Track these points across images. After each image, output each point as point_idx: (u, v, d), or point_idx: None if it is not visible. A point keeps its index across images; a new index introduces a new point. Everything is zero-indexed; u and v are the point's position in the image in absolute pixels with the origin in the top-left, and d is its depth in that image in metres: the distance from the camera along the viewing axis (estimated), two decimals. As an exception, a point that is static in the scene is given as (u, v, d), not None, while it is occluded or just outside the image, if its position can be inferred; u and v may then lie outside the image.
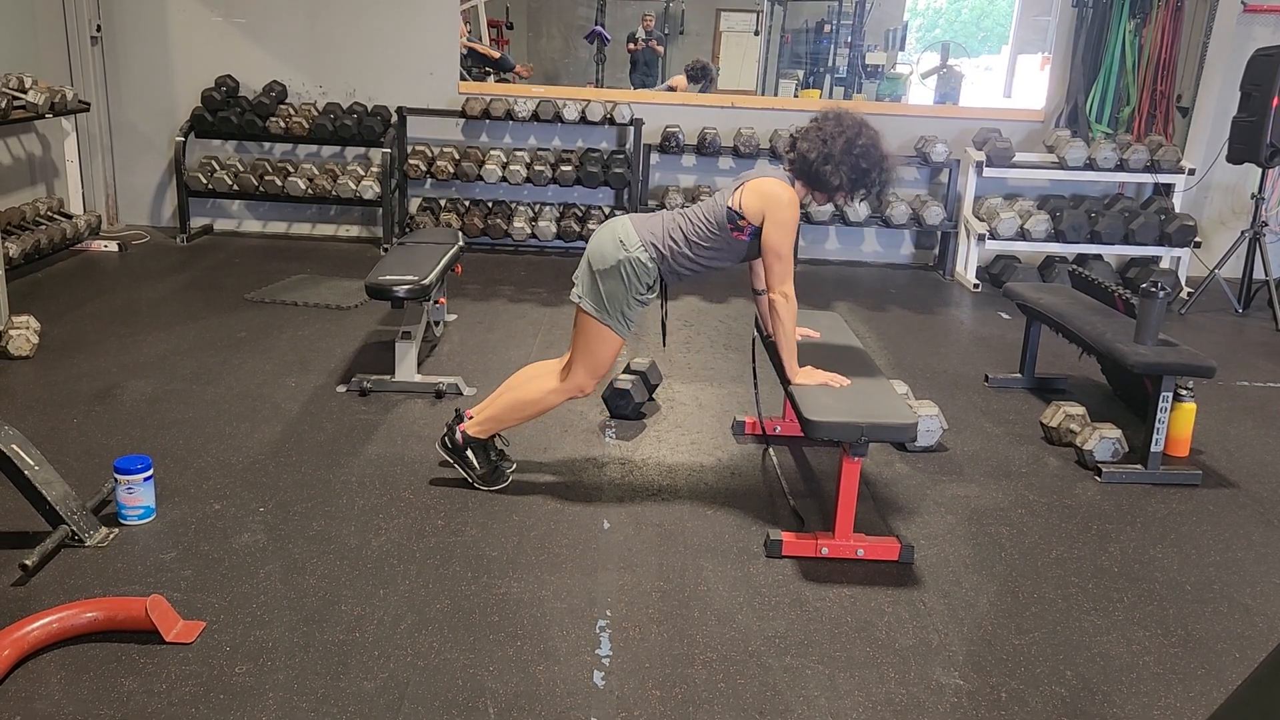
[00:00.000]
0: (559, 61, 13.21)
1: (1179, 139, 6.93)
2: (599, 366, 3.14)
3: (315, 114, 6.74)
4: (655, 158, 6.99)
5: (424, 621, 2.56)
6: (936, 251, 7.08)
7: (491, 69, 9.50)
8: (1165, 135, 6.86)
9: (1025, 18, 10.41)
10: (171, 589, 2.63)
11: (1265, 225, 6.17)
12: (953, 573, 2.95)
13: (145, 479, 2.96)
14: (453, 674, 2.36)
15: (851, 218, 6.68)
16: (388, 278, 3.93)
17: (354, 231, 7.11)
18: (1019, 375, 4.62)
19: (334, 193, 6.63)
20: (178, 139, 6.62)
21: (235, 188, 6.65)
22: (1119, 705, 2.39)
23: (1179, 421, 3.78)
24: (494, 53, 9.81)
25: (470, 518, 3.11)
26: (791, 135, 6.38)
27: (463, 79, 7.18)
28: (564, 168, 6.69)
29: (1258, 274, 6.16)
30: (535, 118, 6.70)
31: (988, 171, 6.58)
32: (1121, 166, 6.55)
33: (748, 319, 5.44)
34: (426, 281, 3.94)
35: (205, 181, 6.63)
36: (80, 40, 6.54)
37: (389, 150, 6.60)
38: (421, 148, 6.81)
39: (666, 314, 3.40)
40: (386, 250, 6.49)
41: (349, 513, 3.11)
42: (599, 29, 12.18)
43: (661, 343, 3.88)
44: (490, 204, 6.87)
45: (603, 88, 10.79)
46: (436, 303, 4.75)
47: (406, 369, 4.13)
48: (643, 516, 3.18)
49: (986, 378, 4.67)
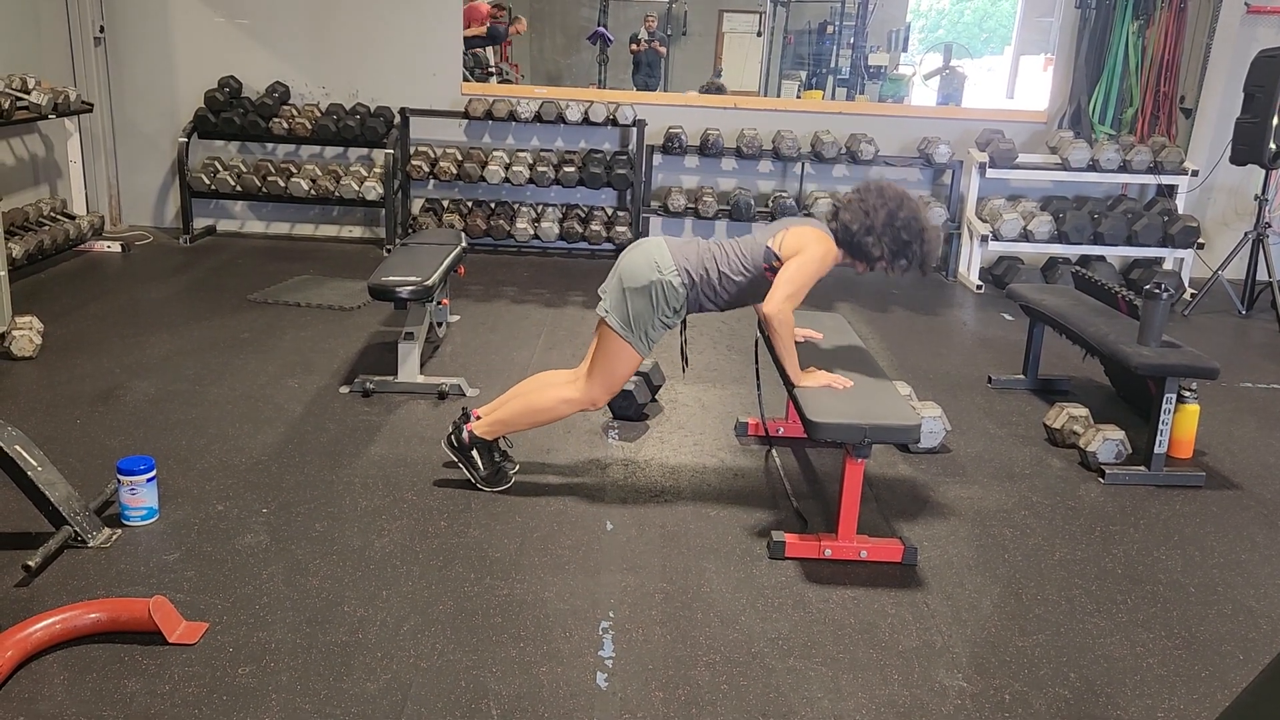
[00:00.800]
0: (562, 63, 13.21)
1: (1182, 140, 6.93)
2: (615, 382, 3.17)
3: (318, 115, 6.74)
4: (658, 159, 6.99)
5: (427, 623, 2.56)
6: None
7: (485, 45, 9.36)
8: (1168, 136, 6.86)
9: (1028, 19, 10.42)
10: (174, 590, 2.63)
11: (1268, 227, 6.16)
12: (956, 574, 2.95)
13: (148, 480, 2.96)
14: (456, 675, 2.36)
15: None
16: (391, 279, 3.93)
17: (357, 232, 7.12)
18: (1022, 376, 4.62)
19: (337, 193, 6.63)
20: (181, 140, 6.63)
21: (238, 188, 6.66)
22: (1123, 707, 2.39)
23: (1182, 423, 3.77)
24: (480, 30, 9.63)
25: (473, 519, 3.11)
26: (834, 204, 6.39)
27: (465, 79, 7.18)
28: (567, 169, 6.69)
29: (1261, 275, 6.15)
30: (538, 119, 6.71)
31: (991, 173, 6.57)
32: (1124, 168, 6.55)
33: (750, 320, 5.41)
34: (429, 282, 3.94)
35: (208, 182, 6.64)
36: (83, 41, 6.54)
37: (392, 151, 6.61)
38: (424, 148, 6.81)
39: (685, 341, 3.43)
40: (389, 251, 6.49)
41: (352, 514, 3.11)
42: (601, 30, 12.18)
43: (682, 370, 3.90)
44: (493, 205, 6.88)
45: (605, 89, 10.79)
46: (439, 304, 4.75)
47: (409, 370, 4.13)
48: (646, 518, 3.18)
49: (989, 379, 4.67)
